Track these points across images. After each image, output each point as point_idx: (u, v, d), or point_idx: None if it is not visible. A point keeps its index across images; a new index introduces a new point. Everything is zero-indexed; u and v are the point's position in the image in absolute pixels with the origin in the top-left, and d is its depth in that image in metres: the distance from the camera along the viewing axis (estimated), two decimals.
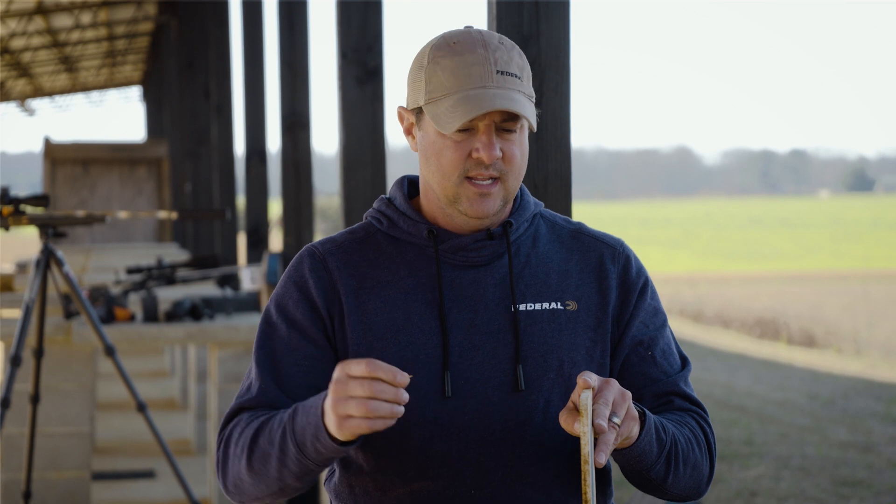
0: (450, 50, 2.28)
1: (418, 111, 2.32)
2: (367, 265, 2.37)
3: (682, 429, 2.33)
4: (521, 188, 2.43)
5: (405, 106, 2.37)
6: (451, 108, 2.25)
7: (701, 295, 32.69)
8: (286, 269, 2.42)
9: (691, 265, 46.69)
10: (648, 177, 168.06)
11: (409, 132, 2.37)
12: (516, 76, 2.27)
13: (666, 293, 33.30)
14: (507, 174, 2.28)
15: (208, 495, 7.47)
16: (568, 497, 2.33)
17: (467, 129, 2.26)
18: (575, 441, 2.30)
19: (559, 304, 2.36)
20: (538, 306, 2.34)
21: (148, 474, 8.22)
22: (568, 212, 3.21)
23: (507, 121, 2.26)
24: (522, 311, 2.33)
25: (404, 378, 2.05)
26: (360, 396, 2.04)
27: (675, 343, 2.44)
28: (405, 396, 2.05)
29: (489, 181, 2.28)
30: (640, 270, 2.43)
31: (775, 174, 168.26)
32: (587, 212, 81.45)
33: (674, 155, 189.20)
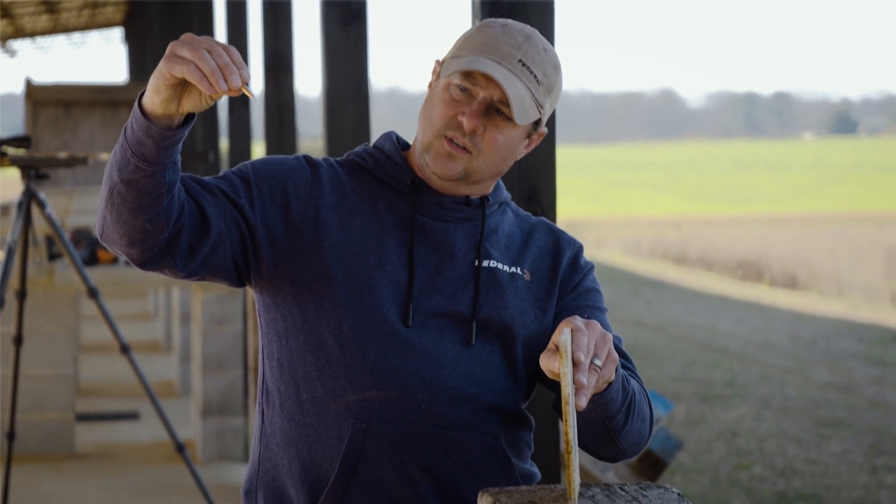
0: (499, 27, 2.39)
1: (443, 64, 2.41)
2: (351, 190, 2.45)
3: (634, 380, 2.40)
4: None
5: (440, 60, 2.45)
6: (461, 62, 2.35)
7: (684, 237, 32.76)
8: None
9: (675, 208, 46.74)
10: (633, 120, 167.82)
11: (431, 85, 2.45)
12: (535, 76, 2.36)
13: (650, 236, 33.35)
14: (480, 153, 2.37)
15: (192, 437, 7.50)
16: None
17: (467, 91, 2.35)
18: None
19: (518, 269, 2.46)
20: (500, 266, 2.44)
21: (132, 416, 8.24)
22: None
23: (505, 105, 2.34)
24: (485, 267, 2.42)
25: (248, 74, 2.09)
26: (202, 45, 2.07)
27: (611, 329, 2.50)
28: (235, 79, 2.07)
29: (461, 148, 2.35)
30: (590, 262, 2.54)
31: (759, 117, 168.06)
32: (572, 155, 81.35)
33: (658, 98, 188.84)
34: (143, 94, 2.15)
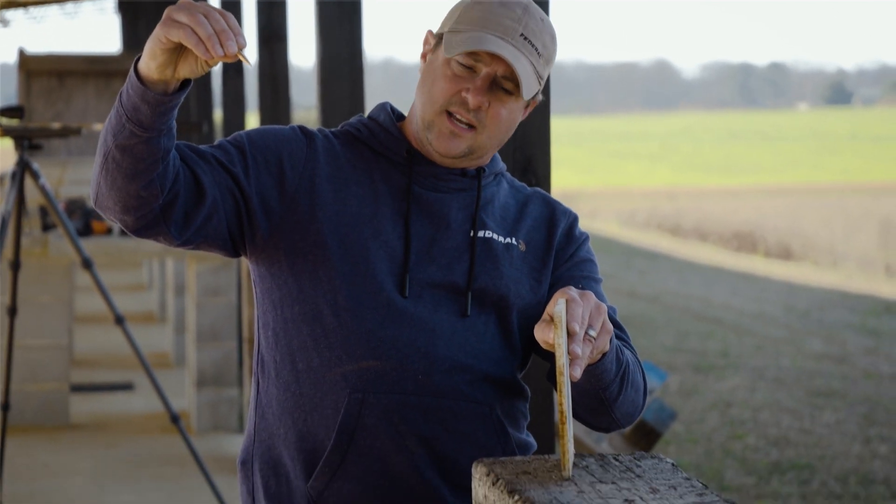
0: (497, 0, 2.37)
1: (440, 37, 2.40)
2: (346, 160, 2.44)
3: (628, 351, 2.40)
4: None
5: (433, 31, 2.43)
6: (464, 39, 2.33)
7: (679, 208, 32.77)
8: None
9: (670, 179, 46.72)
10: (628, 90, 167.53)
11: (424, 56, 2.44)
12: (537, 50, 2.36)
13: (644, 207, 33.35)
14: (485, 128, 2.36)
15: (186, 408, 7.50)
16: None
17: (470, 68, 2.34)
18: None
19: (513, 240, 2.46)
20: (495, 236, 2.44)
21: (126, 387, 8.25)
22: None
23: (507, 80, 2.34)
24: (481, 237, 2.42)
25: (244, 40, 2.08)
26: (199, 10, 2.07)
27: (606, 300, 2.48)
28: (231, 45, 2.06)
29: (465, 126, 2.35)
30: (584, 233, 2.54)
31: (754, 87, 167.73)
32: (567, 126, 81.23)
33: (653, 68, 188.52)
34: (138, 59, 2.14)
